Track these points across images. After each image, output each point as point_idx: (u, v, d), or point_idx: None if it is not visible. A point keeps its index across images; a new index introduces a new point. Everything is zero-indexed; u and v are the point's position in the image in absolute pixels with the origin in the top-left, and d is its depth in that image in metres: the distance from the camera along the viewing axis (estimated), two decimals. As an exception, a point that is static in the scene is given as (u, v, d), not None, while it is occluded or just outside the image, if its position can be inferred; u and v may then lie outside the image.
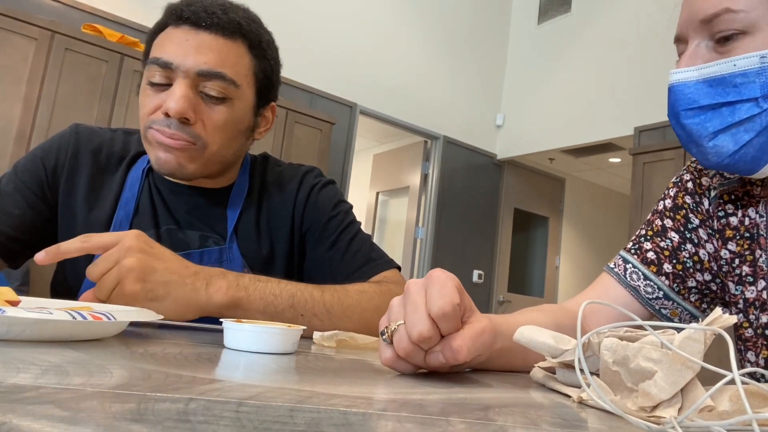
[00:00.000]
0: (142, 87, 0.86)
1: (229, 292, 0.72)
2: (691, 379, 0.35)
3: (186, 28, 0.84)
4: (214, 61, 0.83)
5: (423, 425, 0.27)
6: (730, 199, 0.76)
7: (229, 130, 0.87)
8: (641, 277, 0.79)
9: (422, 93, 4.90)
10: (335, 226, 0.97)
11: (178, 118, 0.82)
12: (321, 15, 4.25)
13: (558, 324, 0.67)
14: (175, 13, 0.85)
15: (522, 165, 5.57)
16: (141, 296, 0.66)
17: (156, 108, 0.83)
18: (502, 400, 0.40)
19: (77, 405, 0.23)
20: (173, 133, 0.82)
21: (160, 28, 0.87)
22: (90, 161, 0.92)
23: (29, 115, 2.69)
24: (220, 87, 0.84)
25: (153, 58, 0.84)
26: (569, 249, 6.02)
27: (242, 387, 0.33)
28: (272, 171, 1.01)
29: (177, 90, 0.81)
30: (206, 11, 0.84)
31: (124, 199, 0.91)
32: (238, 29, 0.86)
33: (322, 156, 3.77)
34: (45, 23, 2.77)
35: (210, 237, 0.92)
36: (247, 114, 0.91)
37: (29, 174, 0.89)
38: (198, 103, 0.84)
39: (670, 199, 0.82)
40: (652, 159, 3.70)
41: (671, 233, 0.80)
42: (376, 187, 5.79)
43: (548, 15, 5.21)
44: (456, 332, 0.45)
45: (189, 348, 0.49)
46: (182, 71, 0.82)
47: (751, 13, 0.61)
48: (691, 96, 0.64)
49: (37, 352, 0.37)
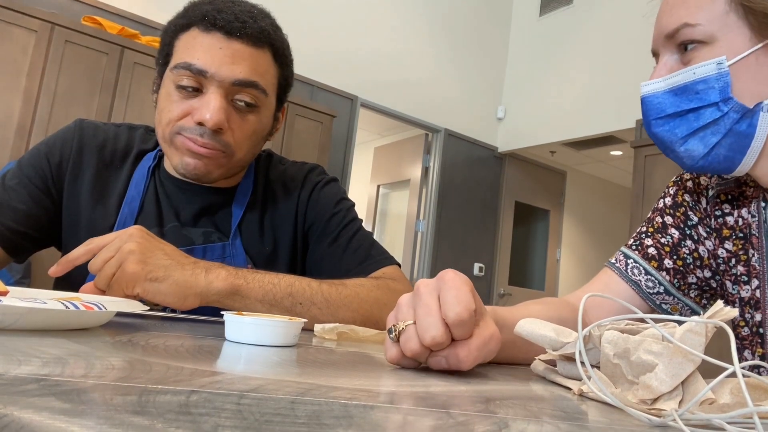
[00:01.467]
0: (168, 90, 0.85)
1: (228, 279, 0.73)
2: (692, 372, 0.35)
3: (218, 36, 0.83)
4: (247, 71, 0.84)
5: (424, 417, 0.27)
6: (727, 199, 0.78)
7: (255, 138, 0.90)
8: (642, 272, 0.80)
9: (423, 86, 4.89)
10: (336, 223, 0.97)
11: (213, 129, 0.82)
12: (321, 8, 4.23)
13: (560, 317, 0.68)
14: (206, 18, 0.83)
15: (523, 158, 5.56)
16: (141, 276, 0.67)
17: (185, 114, 0.84)
18: (503, 393, 0.40)
19: (78, 397, 0.23)
20: (206, 143, 0.83)
21: (182, 28, 0.86)
22: (95, 158, 0.92)
23: (29, 108, 2.69)
24: (252, 96, 0.86)
25: (184, 63, 0.82)
26: (570, 242, 6.03)
27: (243, 379, 0.33)
28: (276, 169, 1.02)
29: (213, 101, 0.82)
30: (238, 20, 0.84)
31: (129, 196, 0.91)
32: (267, 39, 0.87)
33: (322, 149, 3.76)
34: (45, 15, 2.76)
35: (213, 233, 0.93)
36: (270, 120, 0.93)
37: (33, 169, 0.89)
38: (230, 113, 0.85)
39: (670, 197, 0.84)
40: (653, 152, 3.69)
41: (671, 229, 0.81)
42: (377, 180, 5.78)
43: (550, 7, 5.18)
44: (464, 340, 0.45)
45: (190, 340, 0.49)
46: (217, 80, 0.82)
47: (707, 26, 0.65)
48: (660, 105, 0.69)
49: (38, 344, 0.37)
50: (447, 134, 5.05)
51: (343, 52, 4.36)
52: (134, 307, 0.56)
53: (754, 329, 0.72)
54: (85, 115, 2.79)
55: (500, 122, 5.44)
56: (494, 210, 5.38)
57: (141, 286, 0.67)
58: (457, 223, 5.05)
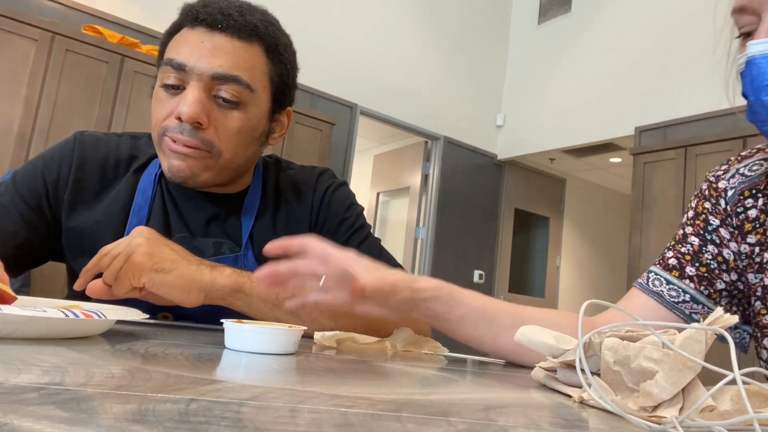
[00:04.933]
0: (156, 90, 0.84)
1: (232, 276, 0.74)
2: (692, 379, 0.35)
3: (201, 30, 0.81)
4: (228, 64, 0.81)
5: (424, 425, 0.27)
6: (751, 194, 0.76)
7: (243, 137, 0.85)
8: (663, 283, 0.79)
9: (423, 93, 4.90)
10: (347, 228, 0.97)
11: (190, 123, 0.80)
12: (321, 15, 4.25)
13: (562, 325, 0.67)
14: (191, 14, 0.82)
15: (523, 165, 5.57)
16: (148, 266, 0.67)
17: (169, 113, 0.81)
18: (503, 401, 0.40)
19: (78, 406, 0.23)
20: (186, 140, 0.80)
21: (176, 29, 0.85)
22: (98, 172, 0.90)
23: (30, 117, 2.69)
24: (234, 91, 0.82)
25: (167, 59, 0.81)
26: (570, 249, 6.02)
27: (243, 387, 0.33)
28: (285, 174, 1.00)
29: (189, 94, 0.79)
30: (222, 13, 0.81)
31: (137, 205, 0.89)
32: (254, 32, 0.84)
33: (322, 157, 3.76)
34: (45, 24, 2.77)
35: (224, 244, 0.90)
36: (262, 120, 0.88)
37: (27, 188, 0.86)
38: (212, 108, 0.82)
39: (692, 210, 0.83)
40: (652, 159, 3.70)
41: (691, 238, 0.80)
42: (376, 188, 5.79)
43: (548, 15, 5.21)
44: None
45: (190, 349, 0.49)
46: (196, 74, 0.80)
47: None
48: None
49: (37, 352, 0.37)
50: (446, 142, 5.06)
51: (343, 59, 4.37)
52: (134, 315, 0.56)
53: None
54: (86, 124, 2.80)
55: (500, 129, 5.45)
56: (494, 217, 5.38)
57: (147, 276, 0.67)
58: (456, 230, 5.05)
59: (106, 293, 0.68)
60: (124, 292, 0.68)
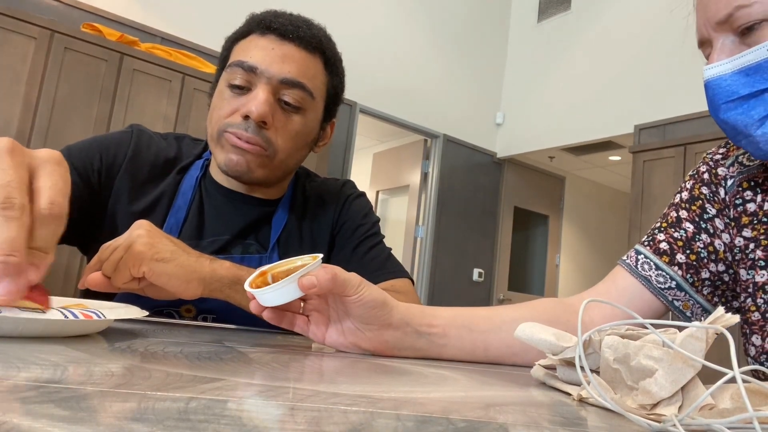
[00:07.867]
0: (220, 89, 0.90)
1: (231, 269, 0.75)
2: (692, 377, 0.35)
3: (272, 38, 0.88)
4: (296, 71, 0.88)
5: (424, 424, 0.27)
6: (750, 186, 0.76)
7: (299, 140, 0.92)
8: (653, 267, 0.79)
9: (422, 91, 4.90)
10: (361, 234, 1.01)
11: (257, 121, 0.85)
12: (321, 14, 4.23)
13: (551, 320, 0.65)
14: (262, 22, 0.89)
15: (522, 163, 5.57)
16: (148, 255, 0.68)
17: (233, 111, 0.87)
18: (503, 399, 0.40)
19: (78, 404, 0.23)
20: (249, 137, 0.86)
21: (242, 35, 0.91)
22: (147, 167, 0.94)
23: (29, 115, 2.69)
24: (298, 96, 0.89)
25: (237, 61, 0.87)
26: (569, 247, 6.02)
27: (243, 385, 0.33)
28: (312, 185, 1.06)
29: (260, 94, 0.85)
30: (292, 24, 0.89)
31: (176, 206, 0.93)
32: (318, 45, 0.92)
33: (321, 155, 3.76)
34: (44, 22, 2.76)
35: (252, 245, 0.95)
36: (315, 127, 0.96)
37: (81, 161, 0.88)
38: (276, 110, 0.88)
39: (687, 192, 0.82)
40: (652, 157, 3.70)
41: (686, 224, 0.80)
42: (376, 186, 5.79)
43: (548, 13, 5.20)
44: None
45: (189, 347, 0.49)
46: (266, 77, 0.86)
47: (765, 2, 0.60)
48: (729, 88, 0.64)
49: (37, 350, 0.37)
50: (446, 140, 5.06)
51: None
52: (133, 313, 0.56)
53: (767, 315, 0.71)
54: (85, 122, 2.80)
55: (499, 128, 5.45)
56: (493, 215, 5.38)
57: (147, 264, 0.67)
58: (456, 228, 5.05)
59: (105, 285, 0.68)
60: (123, 282, 0.68)
